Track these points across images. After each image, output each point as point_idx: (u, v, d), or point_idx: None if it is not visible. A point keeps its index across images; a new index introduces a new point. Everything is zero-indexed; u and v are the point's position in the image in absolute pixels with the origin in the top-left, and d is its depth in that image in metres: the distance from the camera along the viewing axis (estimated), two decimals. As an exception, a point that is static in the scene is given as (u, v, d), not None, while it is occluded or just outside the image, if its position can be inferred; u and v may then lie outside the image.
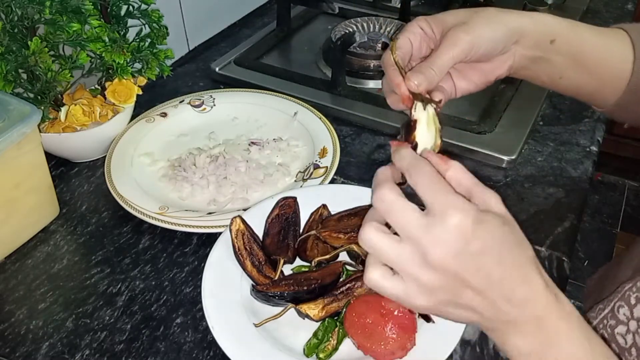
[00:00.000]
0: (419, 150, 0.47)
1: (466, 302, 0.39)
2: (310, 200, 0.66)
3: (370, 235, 0.39)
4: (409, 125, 0.47)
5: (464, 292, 0.38)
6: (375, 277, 0.39)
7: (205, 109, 0.85)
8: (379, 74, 0.94)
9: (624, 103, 0.58)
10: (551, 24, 0.55)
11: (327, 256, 0.59)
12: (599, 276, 0.77)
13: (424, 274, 0.37)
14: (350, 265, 0.60)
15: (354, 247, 0.58)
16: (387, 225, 0.40)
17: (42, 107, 0.70)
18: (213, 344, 0.54)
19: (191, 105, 0.85)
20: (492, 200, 0.40)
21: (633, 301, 0.51)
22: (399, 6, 1.07)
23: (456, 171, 0.41)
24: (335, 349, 0.53)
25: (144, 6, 0.77)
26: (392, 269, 0.39)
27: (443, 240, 0.36)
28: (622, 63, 0.57)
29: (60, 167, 0.78)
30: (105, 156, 0.75)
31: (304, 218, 0.65)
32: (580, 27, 0.57)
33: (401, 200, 0.38)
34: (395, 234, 0.39)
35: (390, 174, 0.42)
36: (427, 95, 0.49)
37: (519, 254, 0.39)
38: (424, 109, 0.47)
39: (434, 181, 0.39)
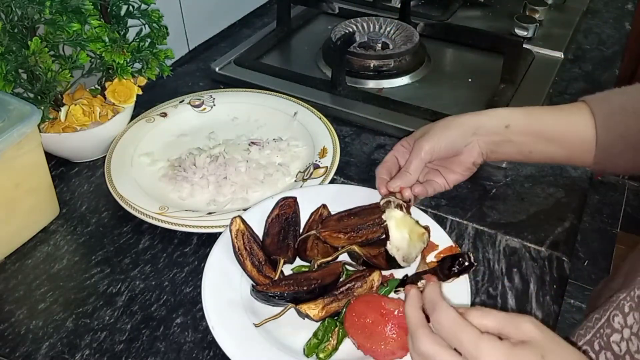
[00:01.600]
0: (396, 252, 0.56)
1: None
2: (310, 200, 0.66)
3: None
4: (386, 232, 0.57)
5: None
6: None
7: (205, 109, 0.85)
8: (379, 74, 0.94)
9: (601, 162, 0.63)
10: (504, 114, 0.64)
11: (329, 258, 0.59)
12: (600, 288, 0.77)
13: None
14: (350, 265, 0.60)
15: (356, 248, 0.58)
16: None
17: (42, 107, 0.70)
18: (213, 344, 0.54)
19: (191, 105, 0.85)
20: (526, 327, 0.40)
21: (627, 309, 0.52)
22: (399, 6, 1.07)
23: (477, 317, 0.41)
24: (335, 349, 0.53)
25: (144, 6, 0.77)
26: None
27: None
28: (585, 132, 0.62)
29: (60, 167, 0.78)
30: (105, 156, 0.75)
31: (304, 218, 0.65)
32: (536, 110, 0.65)
33: (438, 349, 0.40)
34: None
35: (421, 316, 0.44)
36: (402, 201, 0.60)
37: None
38: (397, 208, 0.59)
39: (458, 323, 0.40)
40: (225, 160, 0.74)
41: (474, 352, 0.38)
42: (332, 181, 0.72)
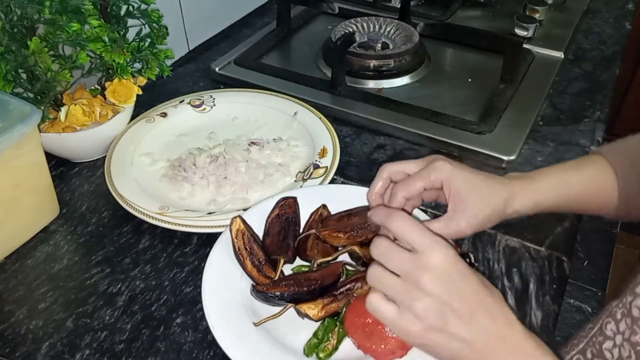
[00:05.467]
0: None
1: (454, 331, 0.43)
2: (310, 200, 0.66)
3: (375, 272, 0.46)
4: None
5: (450, 318, 0.43)
6: (374, 299, 0.46)
7: (205, 109, 0.85)
8: (379, 74, 0.94)
9: (622, 213, 0.62)
10: (536, 196, 0.58)
11: (329, 257, 0.59)
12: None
13: (417, 299, 0.44)
14: (350, 265, 0.60)
15: (356, 248, 0.58)
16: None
17: (42, 107, 0.69)
18: (213, 344, 0.54)
19: (191, 105, 0.85)
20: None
21: (619, 316, 0.52)
22: (399, 6, 1.07)
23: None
24: (335, 348, 0.53)
25: (144, 6, 0.76)
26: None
27: (432, 268, 0.44)
28: (609, 190, 0.61)
29: (60, 167, 0.78)
30: (105, 156, 0.75)
31: (304, 218, 0.65)
32: (565, 179, 0.60)
33: (393, 244, 0.46)
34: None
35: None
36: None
37: (484, 288, 0.46)
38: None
39: (416, 225, 0.46)
40: (225, 160, 0.74)
41: (432, 240, 0.44)
42: (332, 181, 0.72)
